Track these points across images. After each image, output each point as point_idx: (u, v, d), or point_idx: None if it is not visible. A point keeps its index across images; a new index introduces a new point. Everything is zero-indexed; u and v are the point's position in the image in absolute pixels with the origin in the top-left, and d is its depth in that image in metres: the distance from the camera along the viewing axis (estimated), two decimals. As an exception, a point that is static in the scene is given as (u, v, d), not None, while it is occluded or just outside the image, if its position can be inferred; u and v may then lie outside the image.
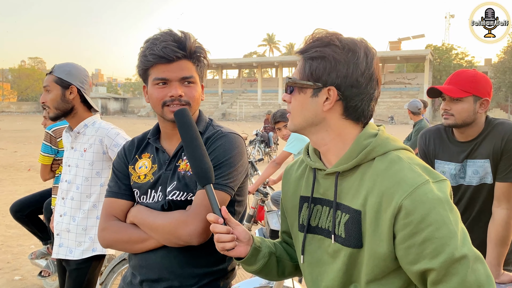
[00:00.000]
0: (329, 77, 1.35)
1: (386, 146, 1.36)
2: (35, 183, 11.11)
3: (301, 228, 1.54)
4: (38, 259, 4.87)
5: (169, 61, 1.76)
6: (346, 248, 1.36)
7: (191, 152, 1.59)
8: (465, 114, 2.63)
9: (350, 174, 1.38)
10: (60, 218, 3.00)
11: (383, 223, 1.27)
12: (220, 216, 1.49)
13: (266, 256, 1.60)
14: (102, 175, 2.96)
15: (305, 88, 1.39)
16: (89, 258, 2.95)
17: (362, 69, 1.35)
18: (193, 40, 1.82)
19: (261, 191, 5.46)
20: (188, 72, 1.80)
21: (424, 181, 1.24)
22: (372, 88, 1.38)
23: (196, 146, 1.60)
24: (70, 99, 2.92)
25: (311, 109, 1.39)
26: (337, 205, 1.40)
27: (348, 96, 1.36)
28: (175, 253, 1.78)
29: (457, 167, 2.76)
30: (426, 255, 1.21)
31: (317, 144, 1.46)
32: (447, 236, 1.19)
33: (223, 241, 1.47)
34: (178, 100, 1.78)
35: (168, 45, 1.75)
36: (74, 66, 2.99)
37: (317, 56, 1.36)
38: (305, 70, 1.38)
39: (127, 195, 1.91)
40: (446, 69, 61.82)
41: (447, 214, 1.21)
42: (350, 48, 1.35)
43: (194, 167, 1.56)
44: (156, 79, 1.79)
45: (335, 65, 1.34)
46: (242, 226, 1.56)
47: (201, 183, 1.55)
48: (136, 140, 2.03)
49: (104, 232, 1.86)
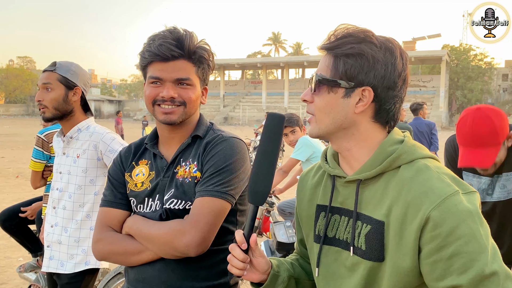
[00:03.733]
0: (366, 77, 1.34)
1: (413, 154, 1.35)
2: (24, 191, 11.12)
3: (316, 238, 1.53)
4: (27, 273, 4.87)
5: (165, 60, 1.77)
6: (366, 262, 1.34)
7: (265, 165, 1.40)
8: (501, 158, 2.61)
9: (373, 183, 1.37)
10: (51, 229, 2.99)
11: (408, 236, 1.26)
12: (246, 241, 1.41)
13: (285, 281, 1.58)
14: (96, 183, 2.96)
15: (336, 87, 1.37)
16: (82, 272, 2.95)
17: (399, 70, 1.35)
18: (195, 40, 1.82)
19: (267, 201, 5.46)
20: (184, 73, 1.80)
21: (453, 191, 1.23)
22: (404, 91, 1.39)
23: (272, 161, 1.41)
24: (72, 101, 2.92)
25: (342, 110, 1.37)
26: (357, 215, 1.39)
27: (383, 98, 1.36)
28: (173, 266, 1.78)
29: (487, 181, 2.73)
30: (454, 270, 1.19)
31: (340, 149, 1.45)
32: (477, 251, 1.18)
33: (233, 266, 1.43)
34: (170, 101, 1.79)
35: (165, 42, 1.76)
36: (78, 67, 3.01)
37: (353, 53, 1.33)
38: (337, 67, 1.36)
39: (123, 205, 1.91)
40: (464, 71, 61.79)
41: (477, 227, 1.20)
42: (387, 47, 1.35)
43: (257, 183, 1.40)
44: (150, 77, 1.81)
45: (374, 64, 1.33)
46: (266, 258, 1.52)
47: (253, 201, 1.41)
48: (133, 146, 2.04)
49: (98, 244, 1.86)
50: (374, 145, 1.40)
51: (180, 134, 1.90)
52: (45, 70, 2.94)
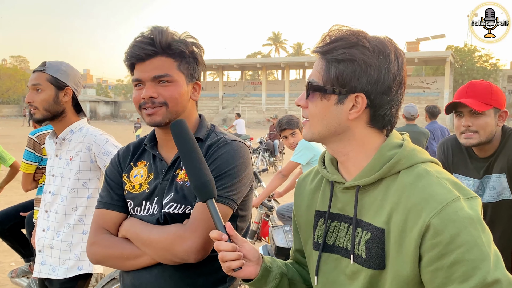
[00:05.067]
0: (358, 83, 1.32)
1: (413, 159, 1.34)
2: (16, 194, 11.08)
3: (315, 246, 1.52)
4: (18, 278, 4.87)
5: (141, 60, 1.77)
6: (367, 270, 1.34)
7: (189, 164, 1.57)
8: (489, 129, 2.61)
9: (372, 189, 1.37)
10: (42, 233, 2.98)
11: (408, 243, 1.25)
12: (225, 233, 1.45)
13: (277, 278, 1.58)
14: (89, 186, 2.95)
15: (328, 94, 1.36)
16: (75, 277, 2.94)
17: (394, 74, 1.34)
18: (167, 34, 1.80)
19: (266, 205, 5.46)
20: (161, 70, 1.78)
21: (454, 197, 1.22)
22: (400, 95, 1.38)
23: (194, 158, 1.58)
24: (63, 101, 2.91)
25: (335, 117, 1.37)
26: (357, 222, 1.38)
27: (377, 104, 1.34)
28: (170, 272, 1.77)
29: (476, 183, 2.75)
30: (455, 279, 1.19)
31: (336, 153, 1.44)
32: (479, 258, 1.17)
33: (229, 260, 1.43)
34: (151, 103, 1.78)
35: (137, 42, 1.77)
36: (69, 66, 2.99)
37: (344, 58, 1.32)
38: (329, 73, 1.35)
39: (120, 207, 1.90)
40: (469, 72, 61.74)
41: (479, 235, 1.19)
42: (381, 50, 1.33)
43: (193, 181, 1.54)
44: (132, 80, 1.82)
45: (366, 70, 1.31)
46: (250, 243, 1.54)
47: (202, 198, 1.52)
48: (132, 146, 2.03)
49: (93, 247, 1.85)
50: (372, 150, 1.39)
51: None
52: (35, 71, 2.92)
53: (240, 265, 1.44)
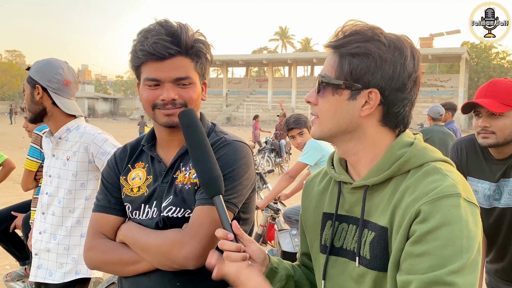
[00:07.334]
0: (373, 78, 1.33)
1: (423, 157, 1.34)
2: (12, 194, 11.12)
3: (323, 249, 1.53)
4: (14, 282, 4.88)
5: (161, 59, 1.73)
6: (372, 272, 1.34)
7: (199, 157, 1.57)
8: (508, 131, 2.59)
9: (381, 188, 1.37)
10: (39, 236, 2.99)
11: (401, 235, 1.24)
12: (231, 232, 1.45)
13: (283, 280, 1.58)
14: (87, 187, 2.96)
15: (341, 89, 1.36)
16: (72, 281, 2.94)
17: (409, 71, 1.34)
18: (191, 33, 1.79)
19: (272, 207, 5.45)
20: (183, 72, 1.77)
21: (454, 193, 1.21)
22: (414, 93, 1.38)
23: (204, 151, 1.58)
24: (37, 100, 2.90)
25: (346, 113, 1.37)
26: (364, 223, 1.38)
27: (391, 101, 1.35)
28: (170, 277, 1.76)
29: (492, 187, 2.73)
30: (418, 270, 1.17)
31: (346, 153, 1.45)
32: (450, 258, 1.15)
33: (234, 261, 1.42)
34: (171, 104, 1.76)
35: (159, 39, 1.71)
36: (46, 62, 2.97)
37: (359, 52, 1.33)
38: (342, 68, 1.35)
39: (118, 210, 1.90)
40: (485, 70, 61.56)
41: (461, 236, 1.16)
42: (397, 46, 1.34)
43: (201, 175, 1.54)
44: (147, 79, 1.77)
45: (381, 65, 1.32)
46: (257, 243, 1.53)
47: (209, 194, 1.52)
48: (129, 147, 2.02)
49: (90, 252, 1.85)
50: (382, 149, 1.39)
51: (180, 137, 1.85)
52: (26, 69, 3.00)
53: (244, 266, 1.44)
